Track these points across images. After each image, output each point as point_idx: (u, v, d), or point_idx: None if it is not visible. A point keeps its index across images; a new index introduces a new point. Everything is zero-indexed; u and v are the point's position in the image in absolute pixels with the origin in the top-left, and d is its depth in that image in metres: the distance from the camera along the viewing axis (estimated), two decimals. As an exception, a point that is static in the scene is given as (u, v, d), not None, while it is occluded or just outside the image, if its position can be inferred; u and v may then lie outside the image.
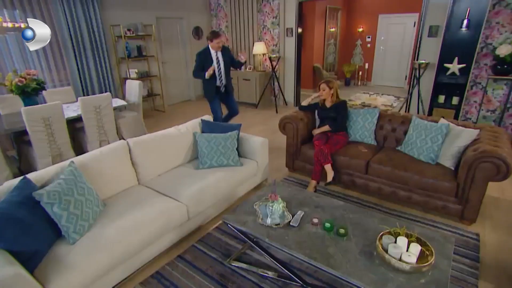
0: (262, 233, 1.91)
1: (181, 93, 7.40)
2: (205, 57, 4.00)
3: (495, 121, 4.57)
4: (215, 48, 3.94)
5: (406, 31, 8.13)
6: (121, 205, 2.27)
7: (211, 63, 3.98)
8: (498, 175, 2.34)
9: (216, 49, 3.96)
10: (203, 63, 4.00)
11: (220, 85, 4.21)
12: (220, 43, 3.93)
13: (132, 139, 2.64)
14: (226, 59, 4.08)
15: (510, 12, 4.14)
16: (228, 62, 4.12)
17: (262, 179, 3.31)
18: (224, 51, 4.05)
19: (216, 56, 3.99)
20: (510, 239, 2.48)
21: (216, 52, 3.98)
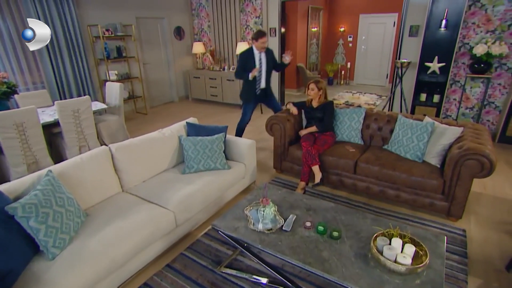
0: (254, 239, 1.86)
1: (163, 95, 7.23)
2: (247, 57, 3.87)
3: (473, 118, 4.72)
4: (259, 48, 3.79)
5: (386, 31, 8.30)
6: (105, 214, 2.16)
7: (253, 65, 3.84)
8: (482, 171, 2.39)
9: (260, 50, 3.81)
10: (245, 64, 3.87)
11: (261, 87, 4.02)
12: (265, 44, 3.78)
13: (114, 145, 2.52)
14: (268, 61, 3.91)
15: (484, 13, 4.28)
16: (270, 65, 3.96)
17: (250, 181, 3.26)
18: (267, 53, 3.90)
19: (259, 57, 3.85)
20: (494, 234, 2.55)
21: (260, 53, 3.84)
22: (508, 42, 4.22)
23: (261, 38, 3.71)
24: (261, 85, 3.97)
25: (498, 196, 3.10)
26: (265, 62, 3.89)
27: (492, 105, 4.55)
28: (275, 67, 4.06)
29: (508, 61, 4.30)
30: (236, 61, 6.93)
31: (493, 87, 4.47)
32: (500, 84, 4.43)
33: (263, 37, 3.71)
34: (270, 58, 3.93)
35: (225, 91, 6.81)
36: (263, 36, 3.72)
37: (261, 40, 3.71)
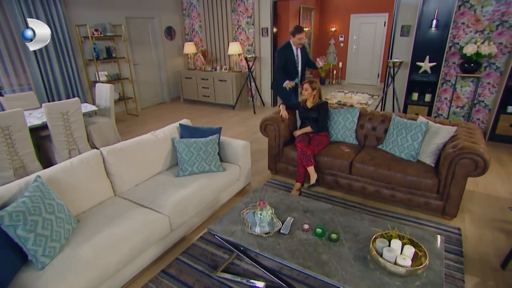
0: (252, 243, 1.82)
1: (154, 96, 7.13)
2: (287, 53, 3.84)
3: (464, 116, 4.78)
4: (296, 44, 3.78)
5: (377, 31, 8.36)
6: (97, 220, 2.09)
7: (293, 61, 3.84)
8: (476, 170, 2.41)
9: (297, 46, 3.79)
10: (285, 60, 3.84)
11: (298, 83, 4.03)
12: (302, 40, 3.76)
13: (106, 148, 2.45)
14: (303, 58, 3.93)
15: (473, 13, 4.34)
16: (304, 62, 3.97)
17: (245, 183, 3.22)
18: (303, 49, 3.89)
19: (297, 53, 3.85)
20: (488, 231, 2.57)
21: (297, 49, 3.82)
22: (497, 42, 4.28)
23: (298, 34, 3.68)
24: (299, 79, 4.00)
25: (490, 194, 3.14)
26: (301, 58, 3.88)
27: (482, 104, 4.62)
28: (308, 63, 4.05)
29: (496, 61, 4.38)
30: (228, 62, 6.89)
31: (482, 86, 4.54)
32: (489, 83, 4.49)
33: (300, 32, 3.68)
34: (304, 54, 3.92)
35: (217, 91, 6.76)
36: (300, 32, 3.68)
37: (298, 36, 3.69)
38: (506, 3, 4.13)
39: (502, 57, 4.33)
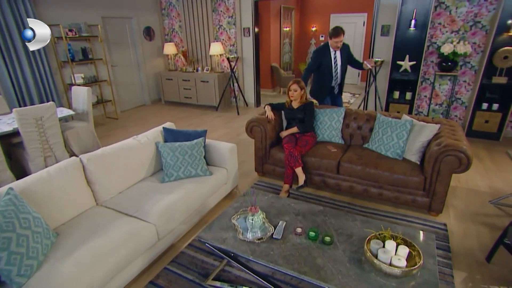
0: (245, 250, 1.76)
1: (134, 98, 6.91)
2: (323, 55, 3.73)
3: (442, 113, 4.93)
4: (333, 47, 3.65)
5: (357, 30, 8.50)
6: (78, 232, 1.97)
7: (328, 63, 3.73)
8: (460, 167, 2.46)
9: (335, 49, 3.67)
10: (320, 61, 3.75)
11: (334, 85, 3.93)
12: (339, 43, 3.60)
13: (86, 155, 2.31)
14: (343, 59, 3.78)
15: (449, 14, 4.48)
16: (345, 62, 3.82)
17: (232, 186, 3.16)
18: (343, 50, 3.74)
19: (334, 56, 3.72)
20: (472, 226, 2.64)
21: (335, 51, 3.70)
22: (471, 42, 4.44)
23: (334, 38, 3.56)
24: (337, 81, 3.90)
25: (471, 188, 3.24)
26: (340, 60, 3.76)
27: (459, 101, 4.78)
28: (351, 63, 3.91)
29: (471, 60, 4.54)
30: (209, 62, 6.79)
31: (459, 84, 4.70)
32: (465, 81, 4.66)
33: (336, 36, 3.54)
34: (345, 55, 3.78)
35: (200, 92, 6.64)
36: (336, 35, 3.54)
37: (334, 39, 3.58)
38: (478, 4, 4.29)
39: (476, 56, 4.49)
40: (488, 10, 4.27)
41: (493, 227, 2.62)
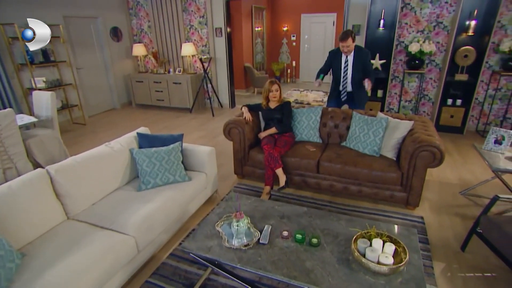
0: (231, 258, 1.71)
1: (103, 102, 6.58)
2: (334, 57, 3.61)
3: (412, 110, 5.15)
4: (342, 51, 3.48)
5: (327, 30, 8.69)
6: (48, 251, 1.81)
7: (337, 66, 3.61)
8: (434, 161, 2.57)
9: (344, 53, 3.49)
10: (331, 63, 3.68)
11: (341, 90, 3.76)
12: (345, 48, 3.40)
13: (53, 166, 2.14)
14: (356, 66, 3.53)
15: (414, 14, 4.67)
16: (359, 69, 3.53)
17: (212, 191, 3.08)
18: (357, 55, 3.49)
19: (346, 60, 3.55)
20: (446, 217, 2.76)
21: (346, 56, 3.52)
22: (435, 41, 4.67)
23: (341, 42, 3.39)
24: (347, 88, 3.71)
25: (443, 181, 3.39)
26: (351, 64, 3.55)
27: (427, 98, 5.01)
28: (363, 71, 3.53)
29: (436, 58, 4.77)
30: (181, 63, 6.62)
31: (426, 81, 4.92)
32: (431, 79, 4.89)
33: (342, 40, 3.37)
34: (359, 61, 3.51)
35: (172, 94, 6.45)
36: (343, 39, 3.36)
37: (341, 44, 3.41)
38: (439, 6, 4.52)
39: (440, 54, 4.73)
40: (449, 11, 4.50)
41: (465, 217, 2.75)
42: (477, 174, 3.53)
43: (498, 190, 3.09)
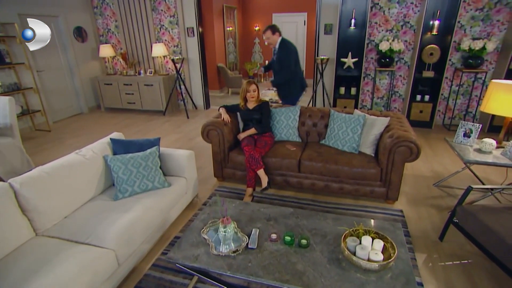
0: (220, 265, 1.64)
1: (69, 106, 6.19)
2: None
3: (384, 106, 5.33)
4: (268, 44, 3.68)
5: (298, 29, 8.78)
6: (14, 273, 1.63)
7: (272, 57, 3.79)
8: (411, 156, 2.65)
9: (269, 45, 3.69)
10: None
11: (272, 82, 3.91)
12: (266, 40, 3.60)
13: (17, 179, 1.94)
14: (276, 57, 3.68)
15: (383, 14, 4.84)
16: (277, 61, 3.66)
17: (193, 195, 2.98)
18: (280, 49, 3.60)
19: (274, 52, 3.74)
20: (423, 209, 2.87)
21: (275, 48, 3.67)
22: (403, 40, 4.86)
23: (263, 33, 3.62)
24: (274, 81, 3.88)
25: (417, 174, 3.53)
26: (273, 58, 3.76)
27: (397, 94, 5.21)
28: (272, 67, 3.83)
29: (404, 56, 4.97)
30: (152, 65, 6.39)
31: (396, 78, 5.11)
32: (401, 76, 5.09)
33: (263, 33, 3.63)
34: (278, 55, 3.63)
35: (144, 97, 6.21)
36: (263, 32, 3.61)
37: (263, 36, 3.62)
38: (406, 6, 4.71)
39: (408, 53, 4.93)
40: (414, 11, 4.71)
41: (440, 208, 2.87)
42: (447, 165, 3.71)
43: (468, 180, 3.28)
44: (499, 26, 4.40)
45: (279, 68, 3.66)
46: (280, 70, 3.65)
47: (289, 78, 3.70)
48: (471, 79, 4.77)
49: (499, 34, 4.42)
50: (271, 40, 3.57)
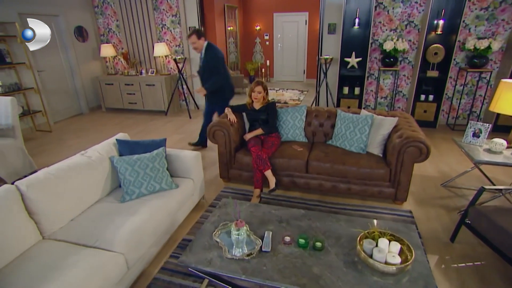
0: (235, 269, 1.61)
1: (70, 107, 6.13)
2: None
3: (387, 106, 5.30)
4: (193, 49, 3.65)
5: (300, 29, 8.76)
6: (21, 279, 1.59)
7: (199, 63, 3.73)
8: (421, 156, 2.62)
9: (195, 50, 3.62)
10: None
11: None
12: (192, 45, 3.53)
13: (24, 182, 1.90)
14: (204, 65, 3.59)
15: (387, 13, 4.81)
16: (205, 67, 3.59)
17: (199, 197, 2.94)
18: (206, 54, 3.55)
19: (201, 57, 3.65)
20: (431, 209, 2.84)
21: (201, 53, 3.61)
22: (407, 39, 4.84)
23: (188, 38, 3.54)
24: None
25: (423, 174, 3.50)
26: (202, 64, 3.64)
27: (401, 94, 5.19)
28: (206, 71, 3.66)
29: (408, 56, 4.95)
30: (154, 64, 6.34)
31: (400, 78, 5.09)
32: (404, 75, 5.07)
33: (188, 37, 3.51)
34: (206, 61, 3.58)
35: (146, 97, 6.16)
36: (188, 37, 3.51)
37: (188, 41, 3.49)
38: (410, 5, 4.69)
39: (412, 52, 4.91)
40: (419, 11, 4.68)
41: (449, 208, 2.85)
42: (453, 165, 3.69)
43: (475, 180, 3.26)
44: (504, 25, 4.38)
45: (209, 74, 3.58)
46: (211, 76, 3.57)
47: (222, 83, 3.67)
48: (475, 79, 4.75)
49: (504, 34, 4.41)
50: (197, 45, 3.50)
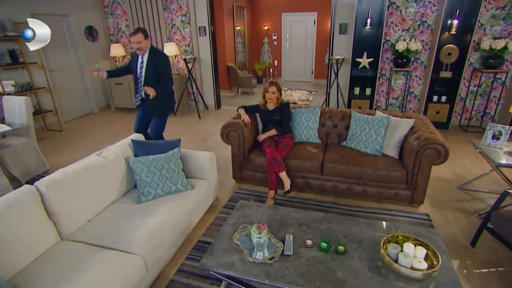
0: (257, 273, 1.58)
1: (79, 106, 6.16)
2: (133, 57, 3.27)
3: (398, 107, 5.25)
4: (134, 48, 3.11)
5: (308, 29, 8.71)
6: (43, 279, 1.59)
7: (135, 66, 3.23)
8: (439, 158, 2.58)
9: (137, 51, 3.14)
10: (130, 65, 3.33)
11: (137, 95, 3.40)
12: (135, 45, 3.04)
13: (43, 182, 1.90)
14: (149, 68, 3.16)
15: (399, 13, 4.76)
16: (151, 72, 3.17)
17: (213, 198, 2.92)
18: (151, 56, 3.16)
19: (142, 61, 3.19)
20: (449, 213, 2.79)
21: (143, 55, 3.17)
22: (420, 39, 4.78)
23: (131, 37, 3.05)
24: (141, 94, 3.34)
25: (439, 177, 3.45)
26: (145, 67, 3.17)
27: (413, 95, 5.13)
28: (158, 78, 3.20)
29: (421, 56, 4.89)
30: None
31: (412, 78, 5.03)
32: (416, 76, 5.01)
33: (132, 35, 3.03)
34: (152, 63, 3.17)
35: (155, 97, 6.15)
36: (132, 34, 3.03)
37: (131, 39, 3.06)
38: (423, 5, 4.63)
39: (425, 52, 4.85)
40: (432, 11, 4.62)
41: (467, 211, 2.80)
42: (468, 167, 3.64)
43: (493, 183, 3.20)
44: (520, 25, 4.31)
45: (157, 79, 3.19)
46: (159, 80, 3.19)
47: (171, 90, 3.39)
48: (490, 80, 4.68)
49: (520, 34, 4.33)
50: (142, 45, 3.08)
